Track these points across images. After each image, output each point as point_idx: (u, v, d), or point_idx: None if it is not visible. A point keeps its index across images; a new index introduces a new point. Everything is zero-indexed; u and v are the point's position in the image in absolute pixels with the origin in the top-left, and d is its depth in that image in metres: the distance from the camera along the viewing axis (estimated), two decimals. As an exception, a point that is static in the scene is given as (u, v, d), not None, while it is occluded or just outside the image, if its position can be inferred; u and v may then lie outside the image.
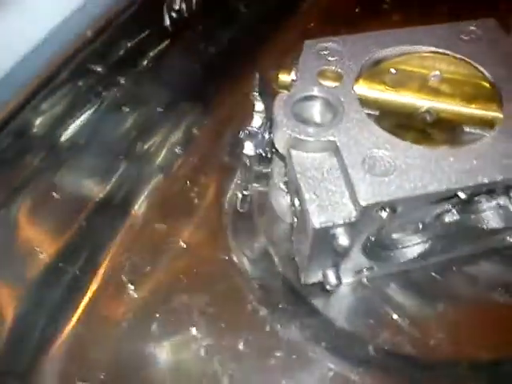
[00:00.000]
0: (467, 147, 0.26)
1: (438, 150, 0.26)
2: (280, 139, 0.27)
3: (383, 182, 0.25)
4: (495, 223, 0.30)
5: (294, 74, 0.29)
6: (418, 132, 0.30)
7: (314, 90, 0.28)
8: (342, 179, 0.25)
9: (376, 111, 0.30)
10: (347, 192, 0.25)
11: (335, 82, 0.28)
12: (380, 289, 0.30)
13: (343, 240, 0.24)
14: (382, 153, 0.26)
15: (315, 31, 0.42)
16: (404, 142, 0.26)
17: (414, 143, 0.26)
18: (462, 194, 0.25)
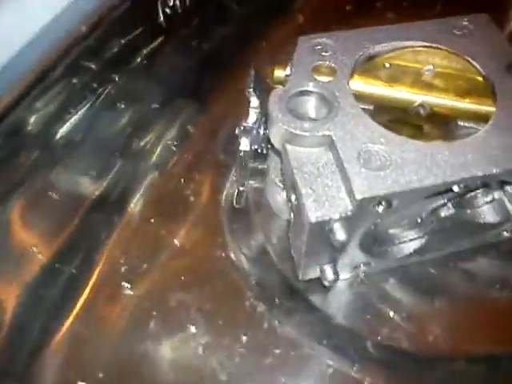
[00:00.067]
0: (461, 141, 0.26)
1: (433, 144, 0.26)
2: (276, 134, 0.27)
3: (379, 176, 0.25)
4: (491, 218, 0.30)
5: (288, 70, 0.29)
6: (413, 127, 0.30)
7: (308, 85, 0.28)
8: (338, 174, 0.25)
9: (370, 106, 0.30)
10: (343, 186, 0.25)
11: (329, 77, 0.28)
12: (377, 284, 0.30)
13: (340, 235, 0.24)
14: (377, 147, 0.26)
15: (307, 28, 0.42)
16: (399, 136, 0.26)
17: (409, 138, 0.26)
18: (456, 187, 0.25)
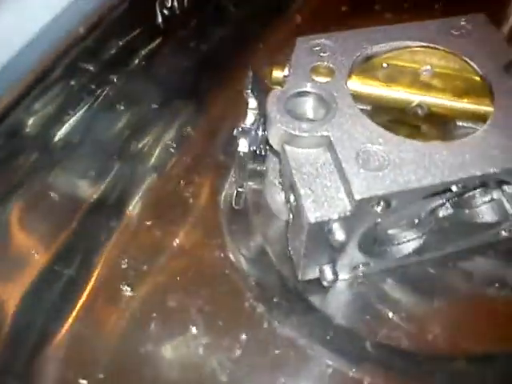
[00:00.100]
0: (459, 141, 0.27)
1: (431, 144, 0.26)
2: (274, 135, 0.27)
3: (377, 176, 0.25)
4: (489, 217, 0.30)
5: (287, 71, 0.29)
6: (411, 127, 0.30)
7: (306, 86, 0.28)
8: (337, 174, 0.25)
9: (368, 106, 0.30)
10: (342, 187, 0.25)
11: (327, 78, 0.28)
12: (376, 284, 0.30)
13: (339, 235, 0.24)
14: (375, 147, 0.26)
15: (305, 29, 0.42)
16: (397, 136, 0.26)
17: (407, 138, 0.26)
18: (455, 187, 0.25)
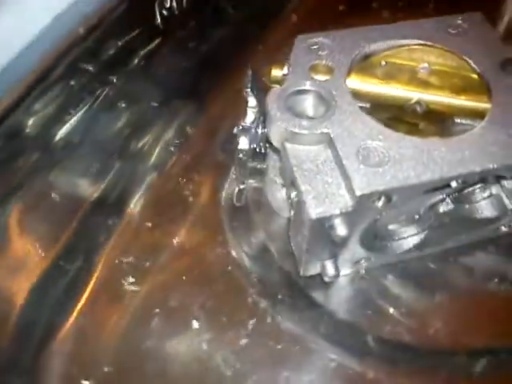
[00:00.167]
0: (458, 138, 0.27)
1: (430, 140, 0.26)
2: (275, 133, 0.27)
3: (377, 172, 0.25)
4: (489, 212, 0.30)
5: (286, 69, 0.29)
6: (410, 124, 0.31)
7: (306, 84, 0.28)
8: (338, 170, 0.26)
9: (367, 104, 0.30)
10: (343, 183, 0.25)
11: (326, 76, 0.29)
12: (378, 280, 0.30)
13: (341, 230, 0.24)
14: (375, 144, 0.26)
15: (303, 29, 0.42)
16: (397, 133, 0.26)
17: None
18: (454, 183, 0.26)
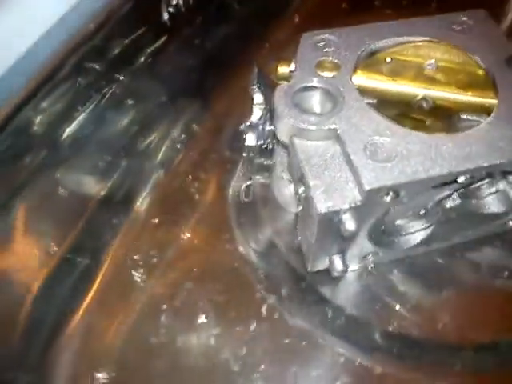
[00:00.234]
0: (465, 133, 0.27)
1: (437, 136, 0.26)
2: (282, 129, 0.27)
3: (386, 167, 0.25)
4: (496, 208, 0.30)
5: (293, 66, 0.29)
6: (416, 120, 0.31)
7: (313, 81, 0.28)
8: (346, 165, 0.26)
9: (374, 100, 0.30)
10: (351, 178, 0.25)
11: (333, 72, 0.29)
12: (385, 275, 0.31)
13: (350, 224, 0.24)
14: (383, 139, 0.26)
15: (309, 26, 0.42)
16: (404, 128, 0.26)
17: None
18: (461, 178, 0.26)
